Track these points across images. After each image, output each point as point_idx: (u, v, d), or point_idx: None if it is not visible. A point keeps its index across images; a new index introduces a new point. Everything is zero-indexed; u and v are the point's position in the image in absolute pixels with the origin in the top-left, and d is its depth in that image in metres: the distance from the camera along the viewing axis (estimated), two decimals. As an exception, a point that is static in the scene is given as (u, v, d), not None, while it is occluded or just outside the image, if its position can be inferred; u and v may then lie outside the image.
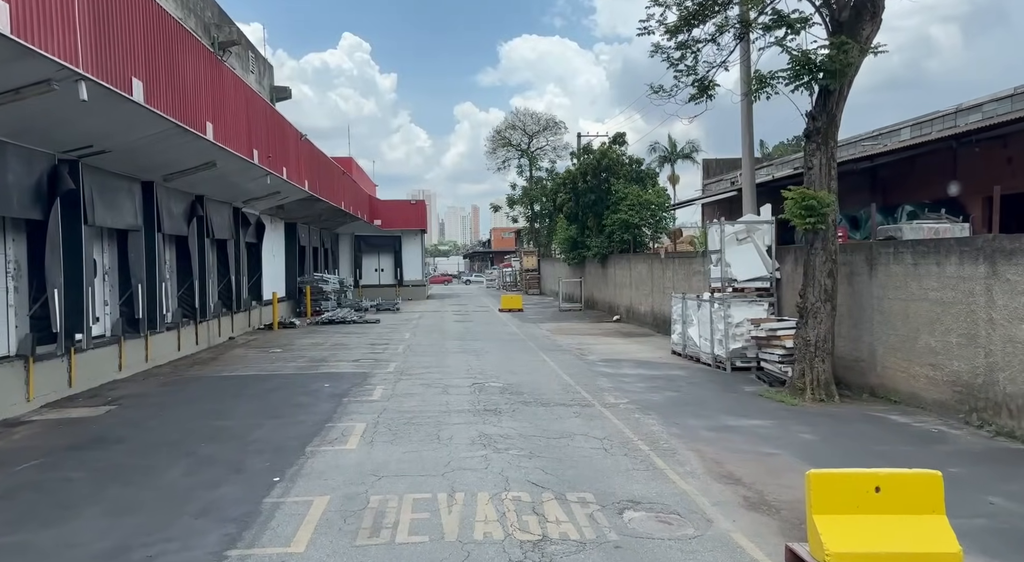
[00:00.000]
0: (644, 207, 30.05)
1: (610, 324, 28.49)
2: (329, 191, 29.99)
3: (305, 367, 17.16)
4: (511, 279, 61.87)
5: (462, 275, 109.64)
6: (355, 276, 47.93)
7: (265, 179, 20.12)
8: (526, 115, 56.55)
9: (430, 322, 29.96)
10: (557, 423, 10.96)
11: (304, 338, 23.68)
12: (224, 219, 22.20)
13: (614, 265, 31.05)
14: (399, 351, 20.05)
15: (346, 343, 22.16)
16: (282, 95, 45.33)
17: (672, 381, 14.88)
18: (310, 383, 14.81)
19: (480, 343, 21.89)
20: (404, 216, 48.17)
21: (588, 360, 18.09)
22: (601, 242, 31.77)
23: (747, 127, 19.06)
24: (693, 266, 21.37)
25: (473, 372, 16.09)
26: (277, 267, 30.94)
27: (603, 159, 31.15)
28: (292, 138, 23.04)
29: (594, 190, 31.78)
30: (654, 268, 25.19)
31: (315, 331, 26.24)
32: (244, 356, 19.37)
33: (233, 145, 16.38)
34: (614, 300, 31.21)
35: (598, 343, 21.89)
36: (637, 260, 27.54)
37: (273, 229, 30.26)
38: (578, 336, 23.93)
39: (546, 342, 22.27)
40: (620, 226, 30.18)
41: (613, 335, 24.29)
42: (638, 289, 27.35)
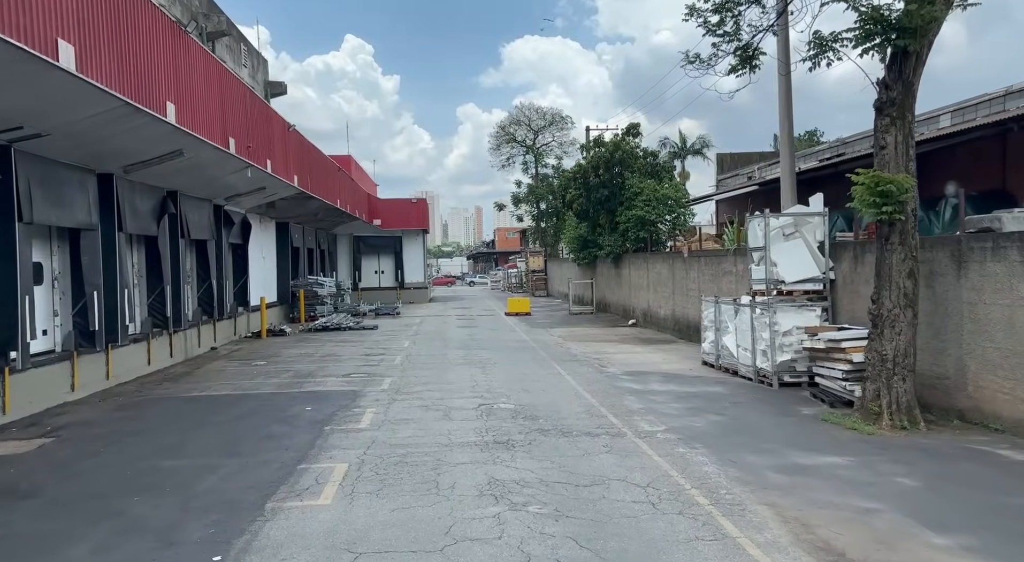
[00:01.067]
0: (661, 203, 27.90)
1: (626, 329, 26.35)
2: (323, 188, 27.91)
3: (288, 384, 15.05)
4: (516, 280, 59.76)
5: (466, 276, 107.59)
6: (354, 278, 45.87)
7: (245, 172, 18.03)
8: (531, 110, 54.47)
9: (432, 328, 27.85)
10: (585, 461, 8.83)
11: (293, 348, 21.58)
12: (203, 217, 20.11)
13: (629, 265, 28.90)
14: (396, 363, 17.94)
15: (338, 354, 20.05)
16: (277, 91, 43.44)
17: (713, 400, 12.73)
18: (289, 406, 12.69)
19: (486, 353, 19.76)
20: (405, 215, 46.08)
21: (609, 373, 15.96)
22: (614, 241, 29.63)
23: (786, 107, 16.88)
24: (722, 266, 19.22)
25: (479, 389, 13.97)
26: (267, 270, 28.86)
27: (616, 151, 29.01)
28: (278, 128, 20.96)
29: (606, 185, 29.64)
30: (676, 268, 23.04)
31: (306, 339, 24.14)
32: (222, 371, 17.27)
33: (203, 131, 14.29)
34: (629, 303, 29.07)
35: (617, 352, 19.75)
36: (656, 260, 25.39)
37: (262, 229, 28.19)
38: (593, 343, 21.79)
39: (559, 351, 20.14)
40: (635, 223, 28.03)
41: (631, 342, 22.15)
42: (657, 291, 25.20)
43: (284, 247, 30.61)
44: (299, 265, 33.22)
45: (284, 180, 21.34)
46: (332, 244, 42.82)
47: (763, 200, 34.05)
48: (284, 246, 30.60)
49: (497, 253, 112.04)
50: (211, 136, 14.79)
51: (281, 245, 30.49)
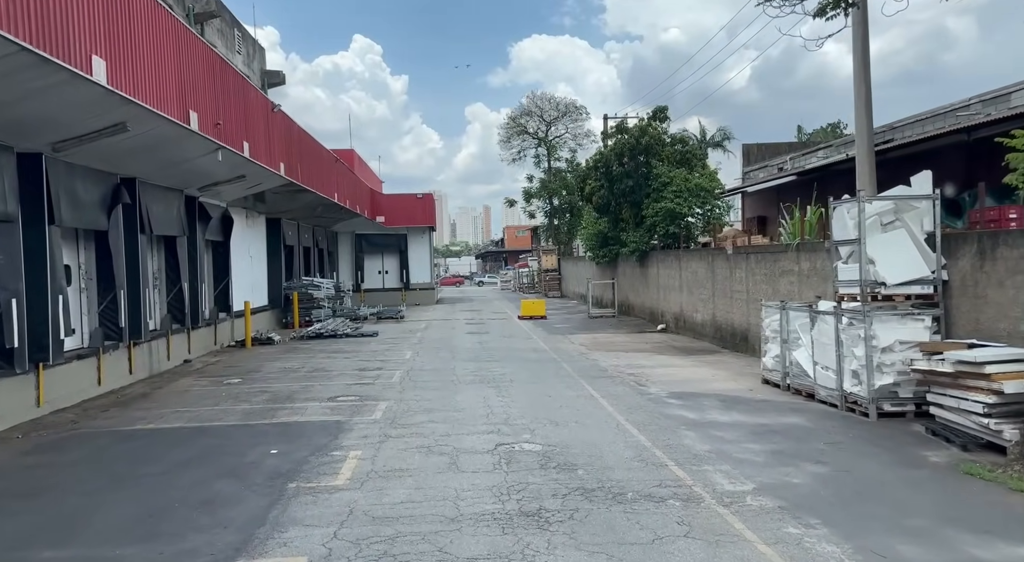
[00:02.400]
0: (693, 194, 24.97)
1: (656, 336, 23.43)
2: (317, 180, 25.11)
3: (259, 412, 12.22)
4: (528, 280, 56.87)
5: (474, 276, 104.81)
6: (356, 279, 43.14)
7: (215, 156, 15.22)
8: (543, 100, 51.52)
9: (438, 334, 25.00)
10: (656, 551, 5.97)
11: (278, 360, 18.76)
12: (171, 210, 17.32)
13: (657, 264, 25.96)
14: (394, 381, 15.09)
15: (328, 368, 17.22)
16: (274, 80, 40.87)
17: (800, 439, 9.81)
18: (251, 446, 9.85)
19: (500, 366, 16.89)
20: (410, 212, 43.29)
21: (652, 394, 13.07)
22: (640, 237, 26.71)
23: (862, 66, 13.86)
24: (779, 264, 16.27)
25: (495, 419, 11.11)
26: (256, 271, 26.08)
27: (642, 137, 26.06)
28: (259, 107, 18.15)
29: (631, 175, 26.70)
30: (717, 267, 20.09)
31: (296, 349, 21.32)
32: (186, 392, 14.46)
33: (151, 100, 11.47)
34: (657, 305, 26.14)
35: (653, 365, 16.84)
36: (691, 257, 22.45)
37: (249, 225, 25.41)
38: (623, 354, 18.89)
39: (584, 363, 17.25)
40: (664, 217, 25.09)
41: (667, 352, 19.23)
42: (692, 293, 22.26)
43: (276, 245, 27.82)
44: (293, 265, 30.45)
45: (267, 168, 18.53)
46: (332, 243, 40.06)
47: (799, 192, 31.04)
48: (275, 244, 27.82)
49: (506, 252, 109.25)
50: (163, 107, 11.97)
51: (272, 243, 27.71)
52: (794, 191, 31.05)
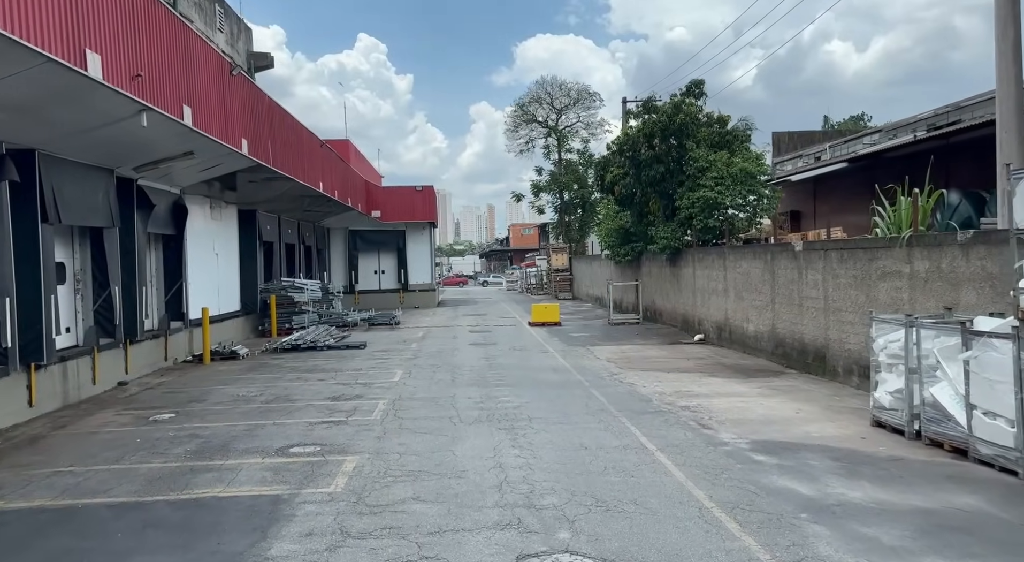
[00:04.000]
0: (737, 181, 21.19)
1: (695, 349, 19.68)
2: (296, 165, 21.42)
3: (169, 475, 8.51)
4: (536, 280, 53.10)
5: (478, 276, 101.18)
6: (349, 279, 39.48)
7: (137, 120, 11.49)
8: (554, 86, 47.66)
9: (437, 346, 21.27)
10: None
11: (234, 383, 15.06)
12: (93, 194, 13.62)
13: (693, 263, 22.20)
14: (373, 418, 11.38)
15: (294, 395, 13.51)
16: (261, 63, 37.36)
17: (1005, 546, 6.07)
18: (121, 558, 6.15)
19: (513, 394, 13.17)
20: (409, 206, 39.55)
21: (727, 445, 9.35)
22: (671, 231, 22.93)
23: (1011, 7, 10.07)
24: (878, 264, 12.49)
25: (513, 497, 7.39)
26: (224, 271, 22.38)
27: (676, 116, 22.25)
28: (210, 67, 14.43)
29: (662, 159, 22.90)
30: (779, 267, 16.32)
31: (263, 366, 17.61)
32: (91, 436, 10.74)
33: (14, 24, 7.79)
34: (692, 311, 22.38)
35: (708, 392, 13.10)
36: (741, 255, 18.67)
37: (216, 217, 21.71)
38: (664, 375, 15.15)
39: (619, 389, 13.53)
40: (702, 207, 21.32)
41: (718, 372, 15.49)
42: (741, 298, 18.50)
43: (250, 241, 24.11)
44: (273, 264, 26.77)
45: (221, 143, 14.81)
46: (322, 239, 36.37)
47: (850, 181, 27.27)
48: (250, 240, 24.11)
49: (512, 251, 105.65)
50: (38, 38, 8.28)
51: (246, 239, 24.01)
52: (842, 180, 27.31)
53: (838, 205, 26.67)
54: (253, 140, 17.12)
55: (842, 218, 24.57)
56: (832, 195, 27.30)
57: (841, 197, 26.30)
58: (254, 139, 17.20)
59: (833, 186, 27.06)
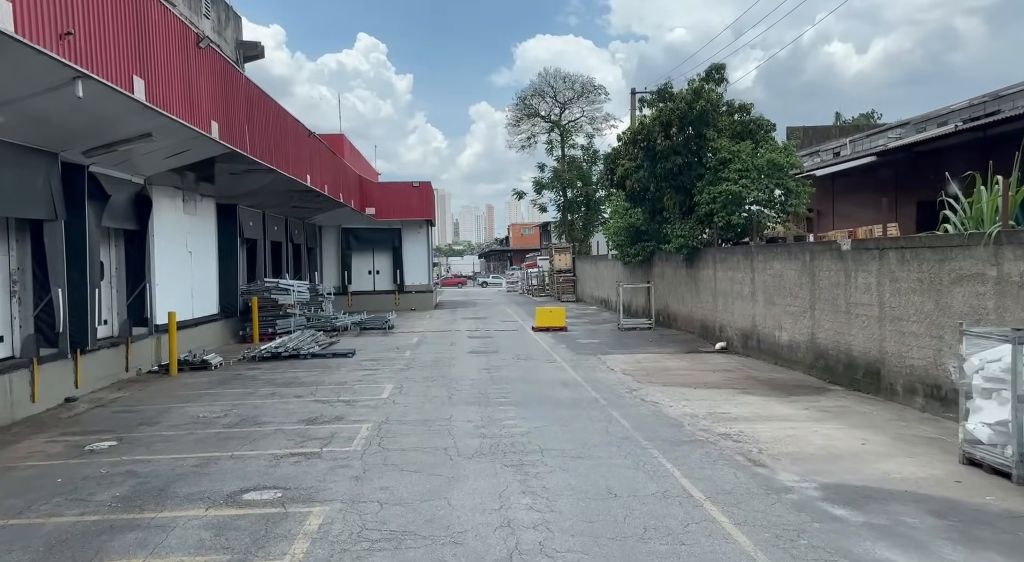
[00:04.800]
0: (764, 173, 19.29)
1: (718, 358, 17.77)
2: (280, 154, 19.49)
3: (75, 539, 6.57)
4: (538, 282, 51.18)
5: (478, 276, 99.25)
6: (342, 280, 37.59)
7: (70, 89, 9.56)
8: (557, 78, 45.71)
9: (432, 354, 19.35)
10: None
11: (197, 400, 13.13)
12: (30, 180, 11.68)
13: (713, 264, 20.29)
14: (354, 449, 9.45)
15: (263, 417, 11.58)
16: (251, 53, 35.41)
17: None
18: None
19: (520, 416, 11.25)
20: (405, 203, 37.62)
21: (791, 492, 7.44)
22: (689, 229, 21.03)
23: None
24: (953, 265, 10.57)
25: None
26: (200, 271, 20.43)
27: (696, 102, 20.33)
28: (168, 32, 12.47)
29: (679, 150, 20.99)
30: (820, 268, 14.41)
31: (236, 378, 15.68)
32: (0, 476, 8.82)
33: None
34: (712, 317, 20.47)
35: (748, 414, 11.18)
36: (772, 255, 16.76)
37: (189, 211, 19.77)
38: (690, 391, 13.24)
39: (643, 409, 11.62)
40: (725, 203, 19.42)
41: (751, 387, 13.57)
42: (772, 303, 16.60)
43: (230, 238, 22.17)
44: (257, 264, 24.84)
45: (184, 123, 12.86)
46: (312, 238, 34.43)
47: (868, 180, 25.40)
48: (230, 237, 22.17)
49: (512, 251, 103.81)
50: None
51: (225, 236, 22.07)
52: (862, 177, 25.44)
53: (859, 203, 24.81)
54: (226, 124, 15.19)
55: (863, 216, 22.88)
56: (852, 193, 25.45)
57: (862, 195, 24.45)
58: (227, 123, 15.27)
59: (852, 183, 25.20)
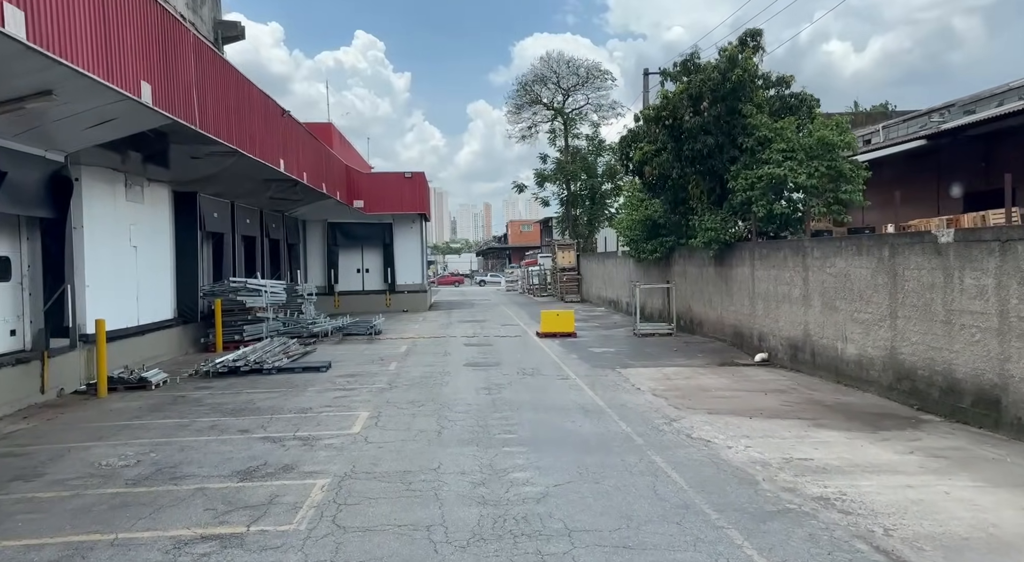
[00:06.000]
0: (814, 154, 16.35)
1: (761, 373, 14.87)
2: (241, 131, 16.51)
3: None
4: (540, 281, 48.23)
5: (475, 274, 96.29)
6: (329, 279, 34.64)
7: None
8: (560, 64, 42.71)
9: (422, 368, 16.40)
10: None
11: (113, 437, 10.17)
12: None
13: (752, 260, 17.36)
14: (295, 529, 6.50)
15: (186, 468, 8.62)
16: (230, 33, 32.34)
17: None
18: None
19: (532, 466, 8.31)
20: (396, 195, 34.62)
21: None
22: (721, 220, 18.10)
23: None
24: None
25: None
26: (148, 269, 17.43)
27: (731, 72, 17.37)
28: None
29: (710, 129, 18.04)
30: (906, 266, 11.48)
31: (174, 403, 12.71)
32: None
33: None
34: (749, 323, 17.54)
35: (837, 461, 8.26)
36: (834, 250, 13.80)
37: (133, 198, 16.78)
38: (744, 421, 10.31)
39: (692, 453, 8.69)
40: (766, 189, 16.49)
41: (822, 416, 10.63)
42: (834, 308, 13.67)
43: (189, 232, 19.18)
44: (224, 261, 21.85)
45: (97, 78, 9.89)
46: (294, 233, 31.43)
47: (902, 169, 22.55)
48: (188, 230, 19.18)
49: (510, 249, 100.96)
50: None
51: (183, 228, 19.09)
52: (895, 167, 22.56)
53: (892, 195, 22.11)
54: (164, 88, 12.22)
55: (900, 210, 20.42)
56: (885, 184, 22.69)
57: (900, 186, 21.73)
58: (165, 86, 12.30)
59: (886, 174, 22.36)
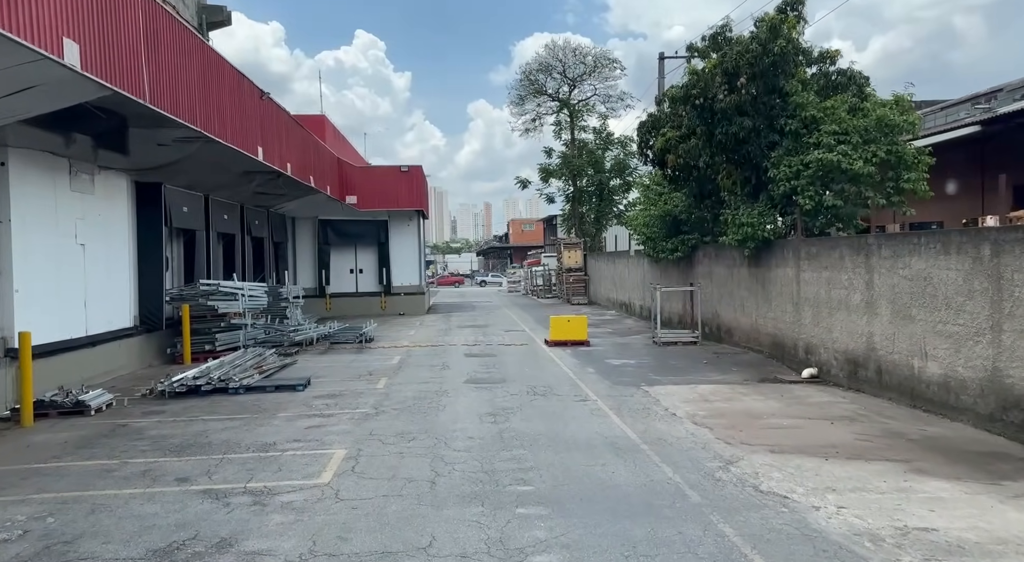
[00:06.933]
0: (870, 139, 14.05)
1: (813, 393, 12.56)
2: (204, 109, 14.20)
3: None
4: (544, 281, 45.92)
5: (475, 275, 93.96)
6: (320, 280, 32.34)
7: None
8: (566, 52, 40.35)
9: (415, 386, 14.10)
10: None
11: (9, 489, 7.87)
12: None
13: (796, 260, 15.05)
14: None
15: (83, 547, 6.33)
16: (216, 18, 30.11)
17: None
18: None
19: (559, 543, 6.01)
20: (392, 190, 32.31)
21: None
22: (759, 214, 15.79)
23: None
24: None
25: None
26: (100, 270, 15.11)
27: (774, 42, 15.07)
28: None
29: (746, 109, 15.73)
30: (1017, 268, 9.16)
31: (111, 436, 10.41)
32: None
33: None
34: (794, 332, 15.23)
35: (969, 531, 5.96)
36: (913, 249, 11.47)
37: (79, 188, 14.46)
38: (820, 465, 8.02)
39: (771, 518, 6.39)
40: (815, 177, 14.19)
41: (911, 455, 8.33)
42: (909, 318, 11.36)
43: (152, 228, 16.86)
44: (197, 261, 19.53)
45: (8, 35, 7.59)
46: (280, 231, 29.10)
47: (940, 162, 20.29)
48: (152, 226, 16.86)
49: (512, 248, 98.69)
50: None
51: (146, 224, 16.78)
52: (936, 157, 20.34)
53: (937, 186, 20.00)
54: (98, 48, 9.91)
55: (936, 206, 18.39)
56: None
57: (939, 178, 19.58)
58: (101, 47, 10.00)
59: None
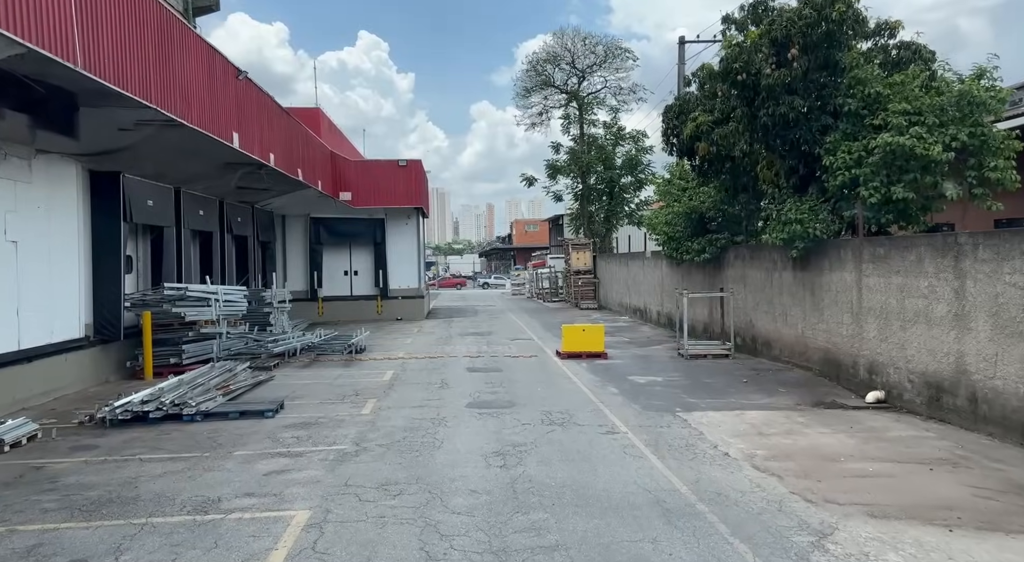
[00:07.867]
0: (949, 119, 11.85)
1: (886, 422, 10.35)
2: (162, 83, 12.01)
3: None
4: (550, 284, 43.71)
5: (478, 276, 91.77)
6: (311, 282, 30.18)
7: None
8: (576, 41, 38.15)
9: (408, 413, 11.89)
10: None
11: None
12: None
13: (857, 263, 12.83)
14: None
15: None
16: (203, 3, 28.26)
17: None
18: None
19: None
20: (389, 187, 30.13)
21: None
22: (809, 209, 13.58)
23: None
24: None
25: None
26: (41, 272, 12.91)
27: (830, 7, 12.86)
28: None
29: (793, 88, 13.51)
30: None
31: (7, 489, 8.24)
32: None
33: None
34: (851, 347, 13.01)
35: None
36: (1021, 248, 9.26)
37: (10, 174, 12.25)
38: (948, 542, 5.78)
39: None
40: (882, 165, 11.98)
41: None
42: (1015, 335, 9.14)
43: (108, 223, 14.67)
44: (165, 262, 17.34)
45: None
46: (267, 229, 26.91)
47: None
48: (108, 221, 14.67)
49: (515, 249, 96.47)
50: None
51: (101, 219, 14.60)
52: None
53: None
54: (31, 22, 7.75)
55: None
56: None
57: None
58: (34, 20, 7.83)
59: None
